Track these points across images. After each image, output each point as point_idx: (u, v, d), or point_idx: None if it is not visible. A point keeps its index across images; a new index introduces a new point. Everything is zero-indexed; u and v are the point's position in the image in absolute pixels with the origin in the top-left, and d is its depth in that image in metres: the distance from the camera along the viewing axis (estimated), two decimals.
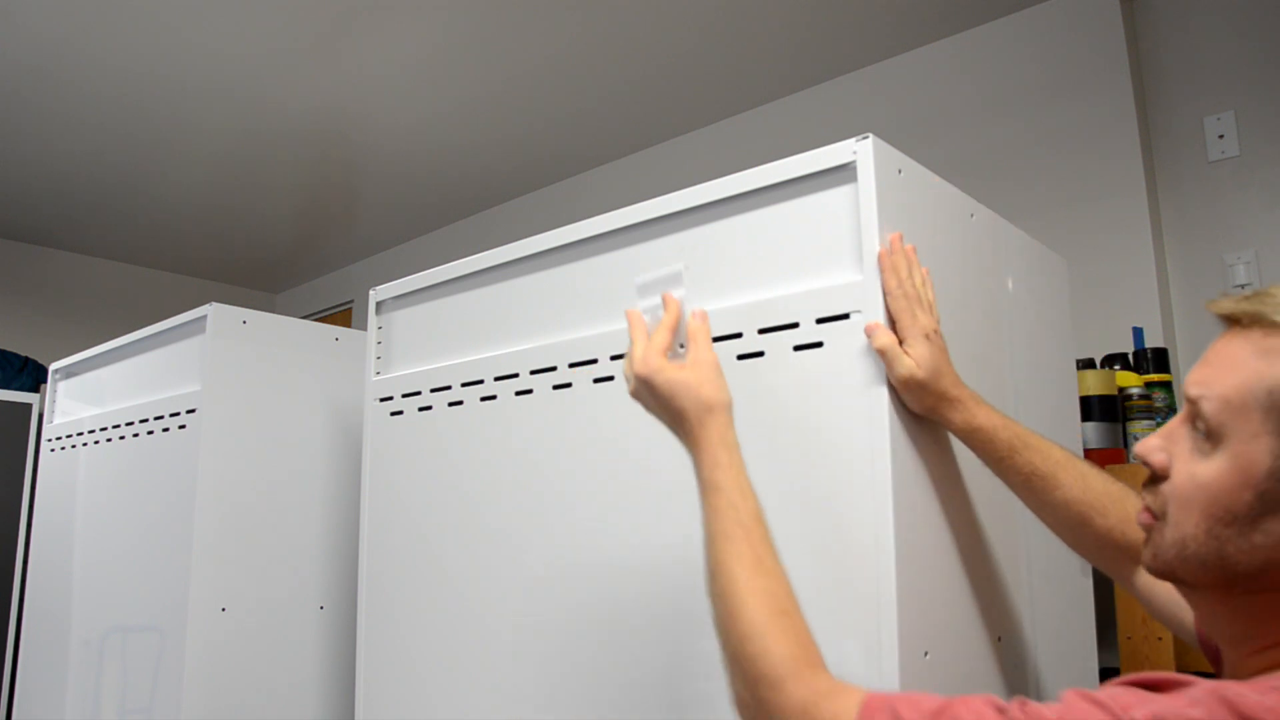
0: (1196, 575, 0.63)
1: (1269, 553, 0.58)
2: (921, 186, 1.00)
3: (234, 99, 2.90)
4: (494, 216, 3.90)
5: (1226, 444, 0.60)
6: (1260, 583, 0.60)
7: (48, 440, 2.17)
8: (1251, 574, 0.60)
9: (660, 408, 0.82)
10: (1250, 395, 0.59)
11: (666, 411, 0.82)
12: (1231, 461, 0.60)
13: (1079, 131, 2.28)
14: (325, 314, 4.77)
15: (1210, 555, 0.61)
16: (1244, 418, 0.59)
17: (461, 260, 1.34)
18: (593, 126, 3.17)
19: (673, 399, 0.80)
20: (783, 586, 0.72)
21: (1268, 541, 0.58)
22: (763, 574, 0.72)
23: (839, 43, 2.64)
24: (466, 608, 1.24)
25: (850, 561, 0.86)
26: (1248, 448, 0.59)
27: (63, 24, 2.45)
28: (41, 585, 2.10)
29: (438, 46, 2.62)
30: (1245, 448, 0.59)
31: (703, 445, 0.79)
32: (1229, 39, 2.13)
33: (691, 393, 0.80)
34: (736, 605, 0.71)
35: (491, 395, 1.25)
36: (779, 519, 0.91)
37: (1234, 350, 0.61)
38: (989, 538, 1.01)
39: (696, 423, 0.79)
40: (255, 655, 1.57)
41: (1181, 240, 2.18)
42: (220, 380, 1.58)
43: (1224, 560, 0.60)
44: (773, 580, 0.72)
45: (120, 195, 3.70)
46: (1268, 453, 0.58)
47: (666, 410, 0.82)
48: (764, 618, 0.69)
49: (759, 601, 0.70)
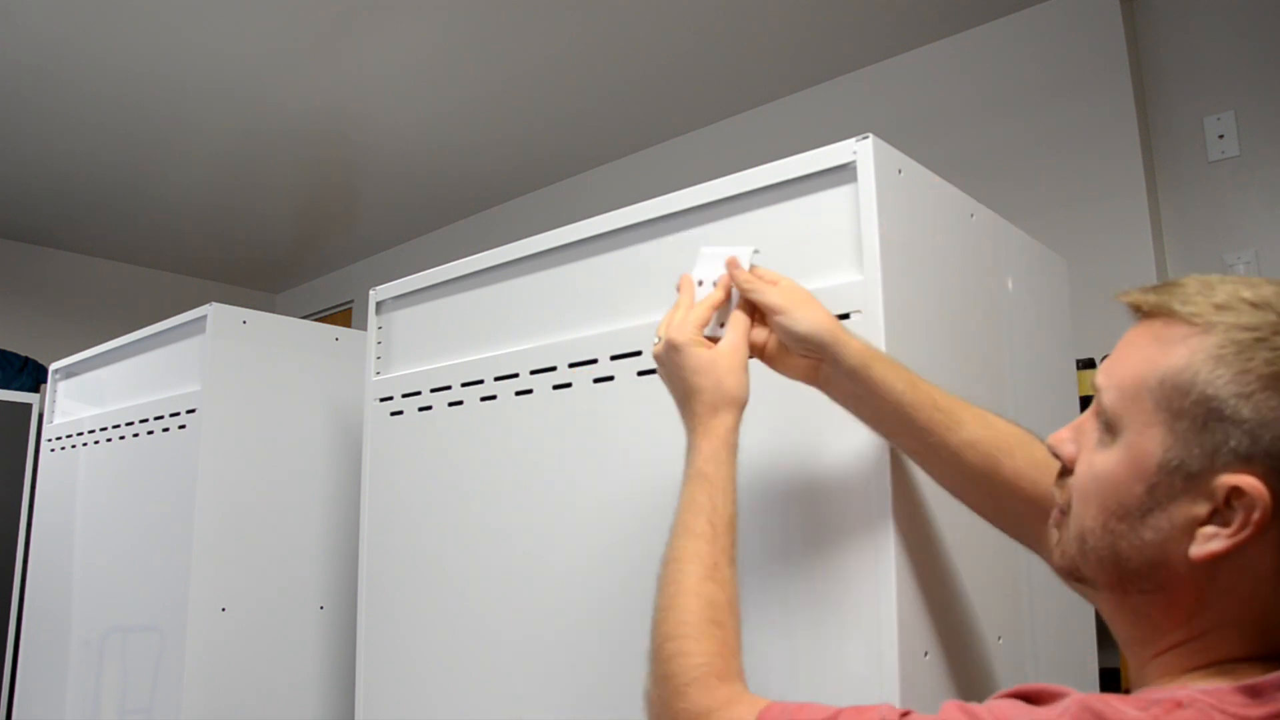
0: (1095, 573, 0.61)
1: (1156, 550, 0.56)
2: (921, 186, 1.00)
3: (234, 99, 2.90)
4: (494, 216, 3.90)
5: (1122, 435, 0.58)
6: (1152, 582, 0.57)
7: (48, 440, 2.17)
8: (1143, 573, 0.57)
9: (678, 378, 0.80)
10: (1143, 384, 0.57)
11: (683, 384, 0.79)
12: (1125, 453, 0.58)
13: (1079, 131, 2.28)
14: (325, 314, 4.77)
15: (1105, 551, 0.59)
16: (1138, 407, 0.57)
17: (461, 260, 1.34)
18: (593, 126, 3.17)
19: (695, 374, 0.78)
20: (727, 598, 0.71)
21: (1156, 538, 0.56)
22: (713, 581, 0.71)
23: (839, 43, 2.64)
24: (466, 608, 1.24)
25: (850, 561, 0.86)
26: (1140, 438, 0.57)
27: (63, 24, 2.45)
28: (41, 585, 2.10)
29: (438, 46, 2.62)
30: (1138, 438, 0.57)
31: (708, 434, 0.77)
32: (1229, 39, 2.13)
33: (714, 376, 0.77)
34: (674, 602, 0.70)
35: (491, 395, 1.25)
36: (779, 518, 0.91)
37: (1135, 340, 0.60)
38: (989, 537, 1.01)
39: (709, 409, 0.77)
40: (255, 655, 1.57)
41: (1181, 240, 2.18)
42: (220, 380, 1.58)
43: (1117, 557, 0.58)
44: (720, 590, 0.71)
45: (120, 195, 3.70)
46: (1158, 444, 0.56)
47: (683, 383, 0.79)
48: (695, 622, 0.69)
49: (697, 605, 0.69)
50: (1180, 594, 0.56)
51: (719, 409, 0.77)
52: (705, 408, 0.77)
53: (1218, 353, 0.54)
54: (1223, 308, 0.55)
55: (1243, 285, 0.56)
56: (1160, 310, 0.58)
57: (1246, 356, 0.53)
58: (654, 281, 1.09)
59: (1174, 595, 0.57)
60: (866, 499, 0.86)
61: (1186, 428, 0.55)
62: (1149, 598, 0.58)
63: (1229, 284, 0.57)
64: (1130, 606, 0.60)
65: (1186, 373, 0.55)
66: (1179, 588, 0.56)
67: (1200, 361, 0.55)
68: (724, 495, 0.75)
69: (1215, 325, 0.55)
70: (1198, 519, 0.54)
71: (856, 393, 0.80)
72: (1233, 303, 0.55)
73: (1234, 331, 0.54)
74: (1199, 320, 0.56)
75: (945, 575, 0.92)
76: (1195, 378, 0.54)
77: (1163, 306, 0.58)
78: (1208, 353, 0.54)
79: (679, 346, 0.79)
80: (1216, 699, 0.52)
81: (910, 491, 0.87)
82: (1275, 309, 0.54)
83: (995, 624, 0.99)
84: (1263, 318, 0.54)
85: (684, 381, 0.79)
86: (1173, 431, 0.55)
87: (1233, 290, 0.56)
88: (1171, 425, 0.55)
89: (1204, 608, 0.56)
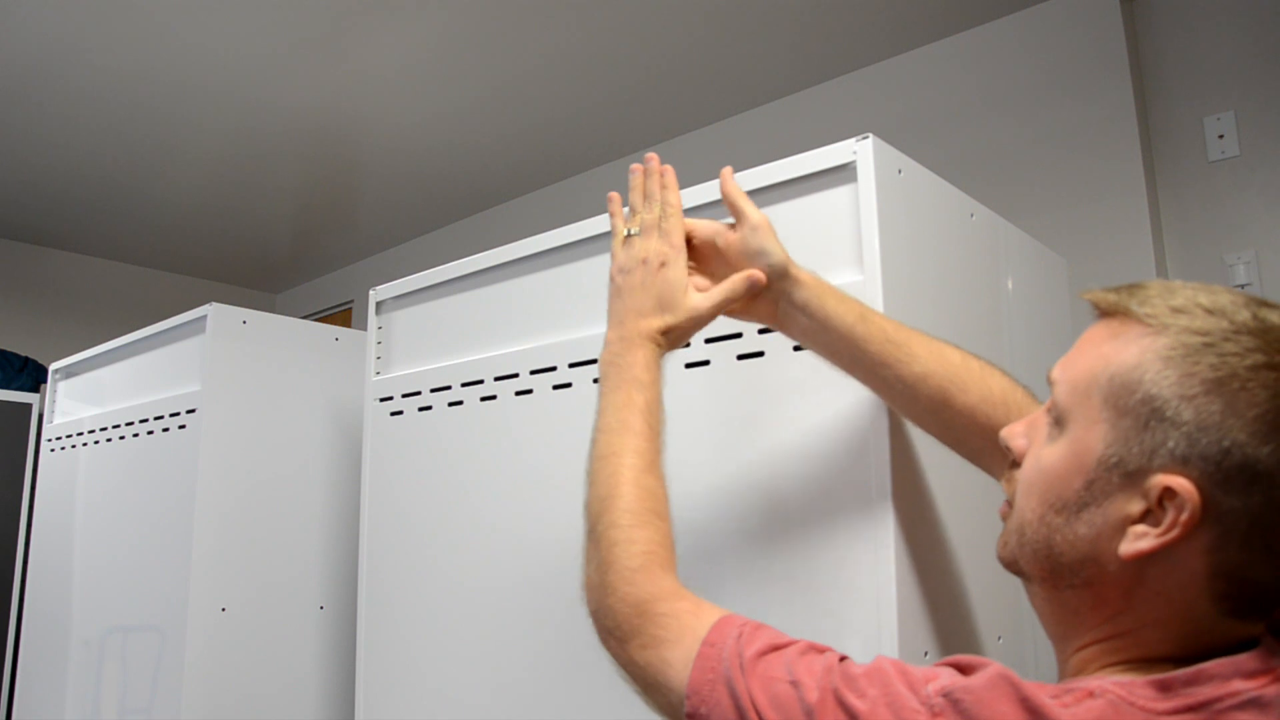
0: (1030, 566, 0.62)
1: (1089, 545, 0.57)
2: (921, 186, 1.00)
3: (234, 99, 2.90)
4: (494, 216, 3.90)
5: (1069, 429, 0.59)
6: (1081, 577, 0.58)
7: (48, 440, 2.17)
8: (1074, 567, 0.58)
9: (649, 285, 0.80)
10: (1093, 380, 0.58)
11: (650, 292, 0.80)
12: (1070, 447, 0.59)
13: (1079, 131, 2.28)
14: (325, 314, 4.76)
15: (1040, 544, 0.60)
16: (1086, 402, 0.58)
17: (461, 260, 1.34)
18: (593, 126, 3.17)
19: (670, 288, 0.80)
20: (664, 493, 0.73)
21: (1089, 533, 0.57)
22: (652, 475, 0.73)
23: (839, 43, 2.64)
24: (466, 607, 1.24)
25: (850, 561, 0.86)
26: (1085, 433, 0.58)
27: (63, 24, 2.45)
28: (41, 585, 2.10)
29: (438, 46, 2.62)
30: (1083, 433, 0.58)
31: (645, 344, 0.78)
32: (1229, 39, 2.13)
33: (677, 295, 0.80)
34: (616, 490, 0.72)
35: (491, 395, 1.25)
36: (778, 518, 0.91)
37: (1092, 337, 0.60)
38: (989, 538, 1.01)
39: (657, 322, 0.79)
40: (255, 655, 1.57)
41: (1181, 240, 2.18)
42: (220, 380, 1.58)
43: (1050, 550, 0.59)
44: (658, 484, 0.73)
45: (120, 195, 3.70)
46: (1101, 440, 0.56)
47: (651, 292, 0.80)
48: (639, 510, 0.71)
49: (640, 495, 0.71)
50: (1108, 591, 0.57)
51: (682, 331, 0.80)
52: (661, 325, 0.79)
53: (1167, 354, 0.55)
54: (1178, 311, 0.56)
55: (1202, 291, 0.57)
56: (1118, 310, 0.59)
57: (1193, 360, 0.54)
58: None
59: (1101, 591, 0.57)
60: (867, 500, 0.86)
61: (1129, 425, 0.55)
62: (1078, 593, 0.59)
63: (1190, 289, 0.57)
64: (1060, 601, 0.61)
65: (1135, 371, 0.56)
66: (1107, 584, 0.57)
67: (1149, 361, 0.55)
68: (658, 403, 0.77)
69: (1169, 327, 0.55)
70: (1130, 517, 0.55)
71: (811, 327, 0.81)
72: (1189, 307, 0.56)
73: (1185, 335, 0.55)
74: (1153, 322, 0.56)
75: (945, 575, 0.92)
76: (1143, 377, 0.55)
77: (1121, 306, 0.59)
78: (1157, 353, 0.55)
79: (670, 262, 0.81)
80: (1127, 691, 0.53)
81: (911, 492, 0.87)
82: (1229, 316, 0.55)
83: (995, 624, 0.99)
84: (1215, 323, 0.54)
85: (652, 290, 0.80)
86: (1116, 429, 0.56)
87: (1191, 295, 0.57)
88: (1115, 422, 0.56)
89: (1130, 606, 0.57)
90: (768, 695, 0.57)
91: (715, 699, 0.59)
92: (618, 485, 0.72)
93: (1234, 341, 0.53)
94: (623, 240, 0.85)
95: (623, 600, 0.67)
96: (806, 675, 0.57)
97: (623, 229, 0.86)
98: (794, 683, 0.57)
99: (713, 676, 0.60)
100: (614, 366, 0.79)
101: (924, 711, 0.53)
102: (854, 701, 0.55)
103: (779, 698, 0.57)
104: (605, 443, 0.76)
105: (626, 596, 0.67)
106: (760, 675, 0.58)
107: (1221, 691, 0.52)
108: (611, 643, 0.68)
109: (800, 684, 0.57)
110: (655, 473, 0.74)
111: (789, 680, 0.57)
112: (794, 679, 0.57)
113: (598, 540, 0.72)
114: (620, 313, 0.81)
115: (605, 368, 0.80)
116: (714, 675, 0.60)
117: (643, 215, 0.85)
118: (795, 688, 0.57)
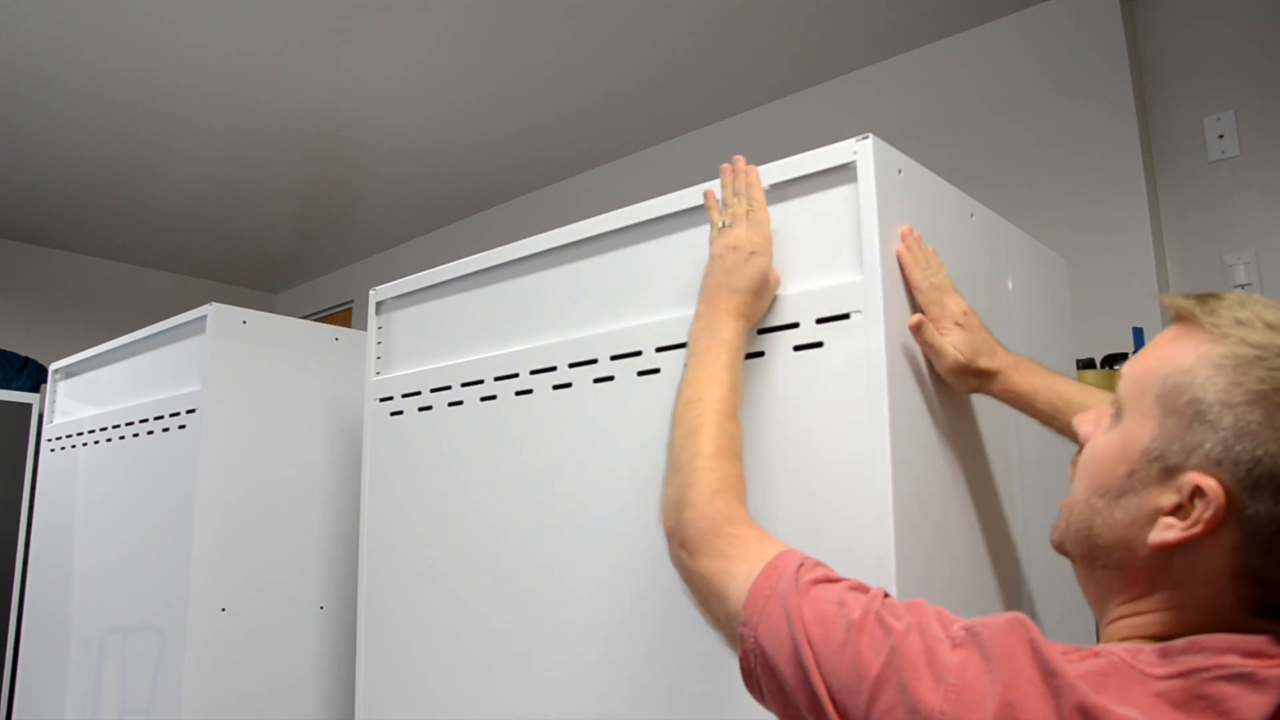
0: (1073, 545, 0.65)
1: (1123, 530, 0.60)
2: (921, 186, 1.00)
3: (234, 99, 2.90)
4: (494, 216, 3.90)
5: (1123, 420, 0.62)
6: (1113, 559, 0.62)
7: (48, 440, 2.17)
8: (1107, 549, 0.62)
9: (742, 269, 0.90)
10: (1151, 378, 0.61)
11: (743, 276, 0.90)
12: (1121, 436, 0.62)
13: (1079, 131, 2.28)
14: (325, 314, 4.77)
15: (1083, 525, 0.64)
16: (1142, 398, 0.61)
17: (461, 260, 1.34)
18: (592, 126, 3.17)
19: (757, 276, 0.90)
20: (740, 440, 0.82)
21: (1125, 519, 0.60)
22: (733, 422, 0.82)
23: (839, 43, 2.64)
24: (466, 607, 1.24)
25: (850, 561, 0.86)
26: (1136, 426, 0.61)
27: (63, 24, 2.45)
28: (41, 585, 2.10)
29: (438, 46, 2.62)
30: (1135, 426, 0.61)
31: (740, 317, 0.89)
32: (1229, 39, 2.13)
33: (766, 284, 0.92)
34: (701, 429, 0.80)
35: (491, 395, 1.25)
36: (779, 517, 0.91)
37: (1162, 338, 0.63)
38: (990, 536, 1.01)
39: (749, 304, 0.90)
40: (255, 655, 1.57)
41: (1181, 240, 2.18)
42: (220, 380, 1.58)
43: (1090, 531, 0.63)
44: (738, 430, 0.82)
45: (120, 195, 3.70)
46: (1148, 434, 0.60)
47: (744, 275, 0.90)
48: (721, 447, 0.79)
49: (722, 436, 0.80)
50: (1136, 574, 0.61)
51: (754, 308, 0.91)
52: (748, 302, 0.90)
53: (1219, 361, 0.58)
54: (1241, 323, 0.58)
55: (1272, 308, 0.59)
56: (1189, 316, 0.61)
57: (1243, 371, 0.56)
58: (654, 281, 1.09)
59: (1128, 575, 0.61)
60: (866, 499, 0.86)
61: (1175, 424, 0.58)
62: (1109, 573, 0.63)
63: (1261, 304, 0.60)
64: (1094, 579, 0.65)
65: (1188, 374, 0.59)
66: (1136, 568, 0.61)
67: (1201, 366, 0.58)
68: (740, 366, 0.87)
69: (1228, 337, 0.58)
70: (1163, 509, 0.58)
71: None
72: (1252, 321, 0.58)
73: (1240, 346, 0.57)
74: (1215, 330, 0.59)
75: (946, 574, 0.92)
76: (1193, 380, 0.58)
77: (1192, 313, 0.61)
78: (1210, 360, 0.58)
79: (761, 251, 0.91)
80: (1131, 655, 0.57)
81: (911, 491, 0.87)
82: None
83: None
84: (1271, 339, 0.57)
85: (744, 275, 0.90)
86: (1163, 425, 0.59)
87: (1259, 310, 0.59)
88: (1163, 420, 0.59)
89: (1155, 590, 0.60)
90: (815, 612, 0.63)
91: (769, 612, 0.65)
92: (703, 425, 0.80)
93: None
94: (718, 230, 0.95)
95: (701, 515, 0.74)
96: (853, 600, 0.63)
97: (719, 220, 0.96)
98: (840, 603, 0.63)
99: (769, 593, 0.65)
100: (706, 331, 0.88)
101: (947, 641, 0.58)
102: (891, 621, 0.60)
103: (824, 615, 0.62)
104: (693, 390, 0.84)
105: (705, 513, 0.74)
106: (812, 598, 0.64)
107: (1212, 662, 0.55)
108: (682, 554, 0.74)
109: (846, 604, 0.62)
110: (736, 420, 0.82)
111: (837, 602, 0.63)
112: (841, 601, 0.63)
113: (680, 467, 0.79)
114: (713, 289, 0.91)
115: (697, 333, 0.89)
116: (770, 593, 0.65)
117: (734, 208, 0.95)
118: (841, 607, 0.62)
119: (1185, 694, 0.54)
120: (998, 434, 1.07)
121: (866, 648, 0.59)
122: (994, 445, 1.06)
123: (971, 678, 0.56)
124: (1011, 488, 1.08)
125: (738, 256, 0.91)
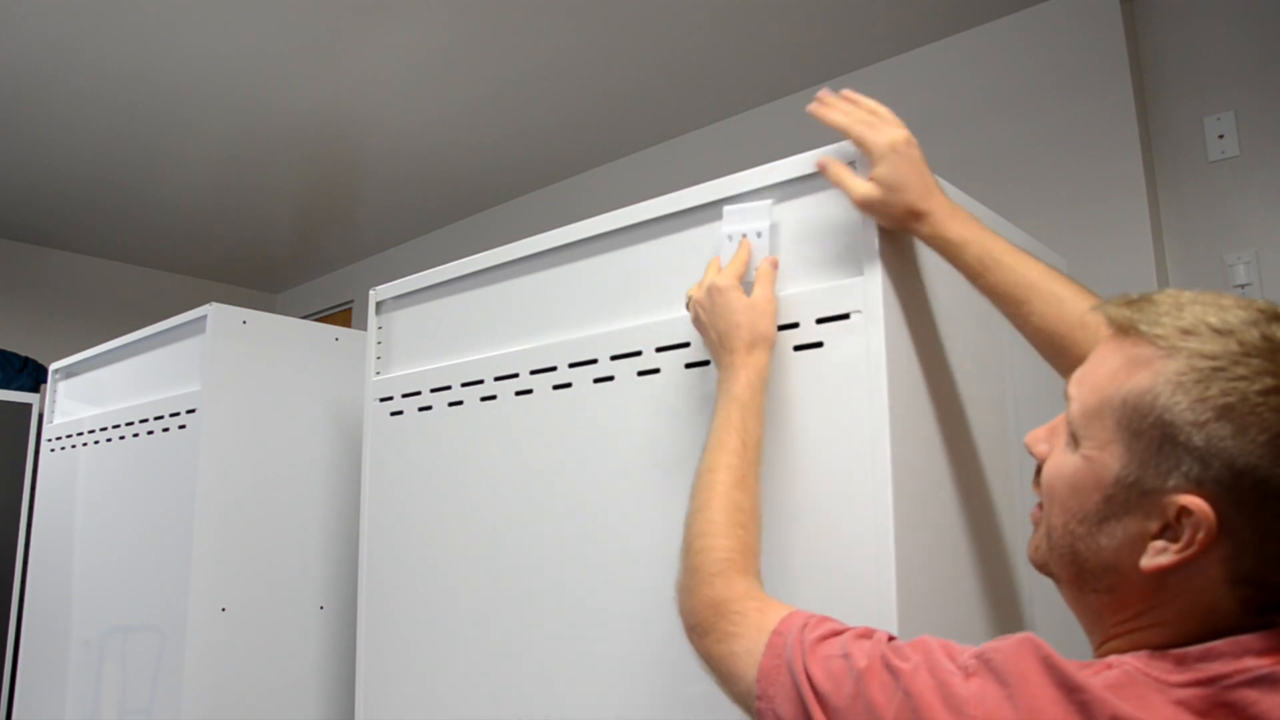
0: (1058, 569, 0.65)
1: (1111, 555, 0.60)
2: None
3: (234, 99, 2.90)
4: (494, 216, 3.90)
5: (1084, 445, 0.61)
6: (1105, 583, 0.61)
7: (48, 440, 2.17)
8: (1097, 574, 0.61)
9: (719, 318, 0.90)
10: (1107, 402, 0.60)
11: (724, 322, 0.90)
12: (1086, 463, 0.61)
13: (1079, 131, 2.27)
14: (325, 314, 4.76)
15: (1065, 550, 0.63)
16: (1100, 423, 0.60)
17: (461, 260, 1.34)
18: (593, 126, 3.17)
19: (733, 314, 0.89)
20: (751, 504, 0.81)
21: (1111, 544, 0.60)
22: (740, 489, 0.81)
23: (839, 43, 2.64)
24: (466, 607, 1.24)
25: (850, 561, 0.86)
26: (1101, 453, 0.60)
27: (63, 24, 2.45)
28: (41, 585, 2.10)
29: (438, 46, 2.62)
30: (1099, 453, 0.60)
31: (745, 365, 0.87)
32: (1229, 39, 2.13)
33: (751, 316, 0.89)
34: (705, 503, 0.80)
35: (491, 395, 1.25)
36: (779, 517, 0.91)
37: (1107, 354, 0.62)
38: (989, 536, 1.01)
39: (746, 345, 0.88)
40: (255, 655, 1.57)
41: (1181, 240, 2.18)
42: (220, 380, 1.58)
43: (1075, 557, 0.62)
44: (745, 497, 0.81)
45: (120, 195, 3.70)
46: (1117, 460, 0.59)
47: (725, 321, 0.89)
48: (722, 522, 0.79)
49: (725, 507, 0.80)
50: (1129, 597, 0.60)
51: (755, 345, 0.88)
52: (743, 344, 0.88)
53: (1178, 379, 0.56)
54: (1188, 333, 0.57)
55: (1211, 308, 0.58)
56: (1130, 328, 0.60)
57: (1204, 386, 0.55)
58: (654, 281, 1.09)
59: (1123, 598, 0.61)
60: (866, 498, 0.86)
61: (1144, 448, 0.58)
62: (1101, 597, 0.62)
63: (1199, 305, 0.59)
64: (1085, 602, 0.64)
65: (1148, 396, 0.57)
66: (1129, 591, 0.60)
67: (1161, 386, 0.57)
68: (755, 419, 0.85)
69: (1179, 350, 0.57)
70: (1149, 533, 0.57)
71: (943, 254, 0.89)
72: (1198, 328, 0.57)
73: (1195, 359, 0.56)
74: (1164, 344, 0.58)
75: (945, 574, 0.92)
76: (1155, 402, 0.57)
77: (1132, 325, 0.60)
78: (1168, 378, 0.57)
79: (722, 290, 0.91)
80: (1144, 664, 0.57)
81: (910, 491, 0.87)
82: (1238, 336, 0.56)
83: (995, 623, 0.99)
84: (1224, 346, 0.56)
85: (725, 320, 0.90)
86: (1130, 450, 0.58)
87: (1200, 314, 0.58)
88: (1130, 444, 0.58)
89: (1153, 608, 0.59)
90: (823, 671, 0.63)
91: (781, 682, 0.65)
92: (709, 500, 0.81)
93: (1244, 365, 0.55)
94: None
95: (703, 603, 0.75)
96: (857, 650, 0.63)
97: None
98: (845, 655, 0.63)
99: (778, 662, 0.66)
100: (721, 393, 0.88)
101: (959, 673, 0.58)
102: (897, 663, 0.60)
103: (832, 671, 0.63)
104: (705, 461, 0.84)
105: (706, 598, 0.75)
106: (817, 656, 0.64)
107: (1232, 668, 0.54)
108: (694, 638, 0.76)
109: (851, 655, 0.63)
110: (744, 487, 0.82)
111: (841, 655, 0.63)
112: (846, 653, 0.63)
113: (685, 549, 0.80)
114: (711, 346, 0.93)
115: (717, 397, 0.89)
116: (779, 662, 0.66)
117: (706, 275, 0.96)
118: (846, 659, 0.63)
119: (1206, 702, 0.53)
120: (998, 433, 1.07)
121: (878, 693, 0.59)
122: (994, 445, 1.06)
123: (991, 707, 0.55)
124: (1011, 487, 1.08)
125: (705, 308, 0.92)
